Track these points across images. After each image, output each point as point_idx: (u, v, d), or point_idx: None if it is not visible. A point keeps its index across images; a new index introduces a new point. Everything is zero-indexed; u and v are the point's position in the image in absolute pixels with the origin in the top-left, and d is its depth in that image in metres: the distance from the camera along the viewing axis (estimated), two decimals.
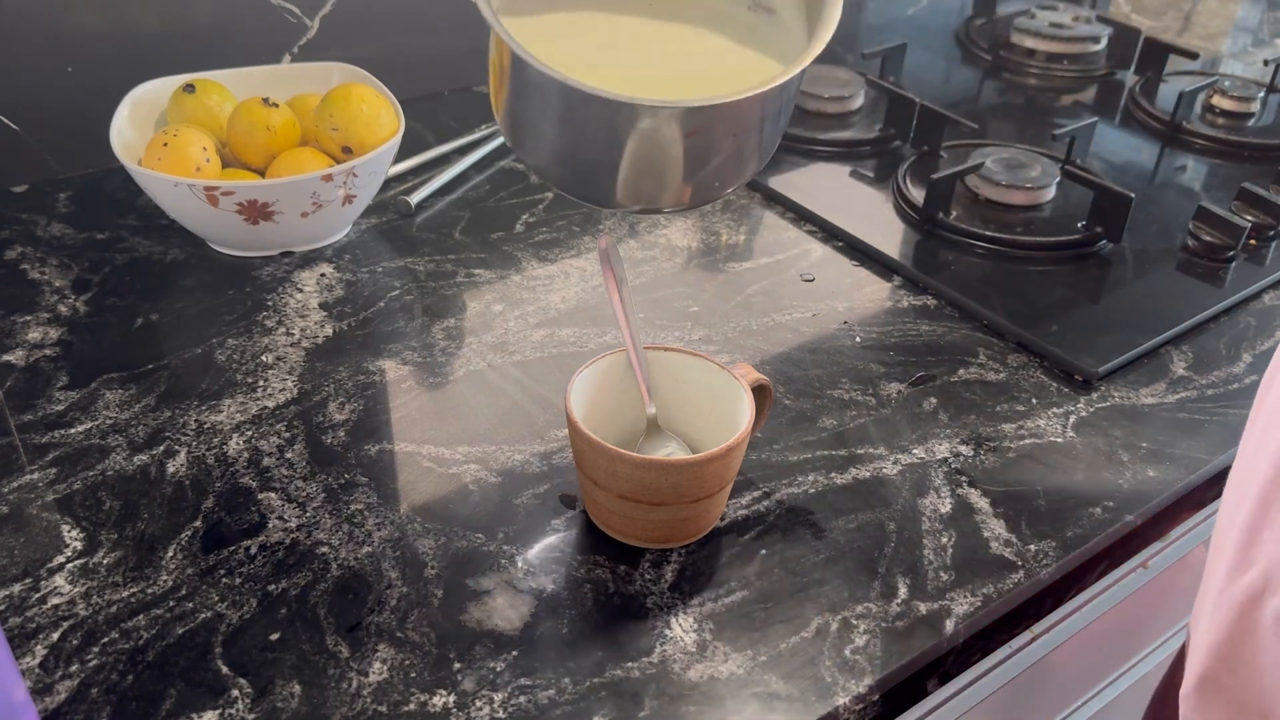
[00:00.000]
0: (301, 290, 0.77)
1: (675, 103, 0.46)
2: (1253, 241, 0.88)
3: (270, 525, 0.58)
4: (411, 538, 0.58)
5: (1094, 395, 0.71)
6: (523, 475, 0.62)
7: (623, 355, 0.60)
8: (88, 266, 0.78)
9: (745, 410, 0.56)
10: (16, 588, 0.54)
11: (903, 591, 0.56)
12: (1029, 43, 1.24)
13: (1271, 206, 0.89)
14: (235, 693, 0.49)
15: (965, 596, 0.56)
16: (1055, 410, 0.69)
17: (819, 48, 0.49)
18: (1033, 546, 0.59)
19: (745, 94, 0.47)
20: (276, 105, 0.80)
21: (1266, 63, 1.20)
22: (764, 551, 0.58)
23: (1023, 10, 1.31)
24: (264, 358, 0.70)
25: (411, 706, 0.49)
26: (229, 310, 0.75)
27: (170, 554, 0.56)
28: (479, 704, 0.49)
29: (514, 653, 0.52)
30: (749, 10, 0.55)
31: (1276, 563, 0.46)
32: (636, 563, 0.57)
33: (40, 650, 0.51)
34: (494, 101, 0.53)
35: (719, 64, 0.53)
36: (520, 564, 0.56)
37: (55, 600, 0.53)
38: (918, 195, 0.90)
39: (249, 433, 0.64)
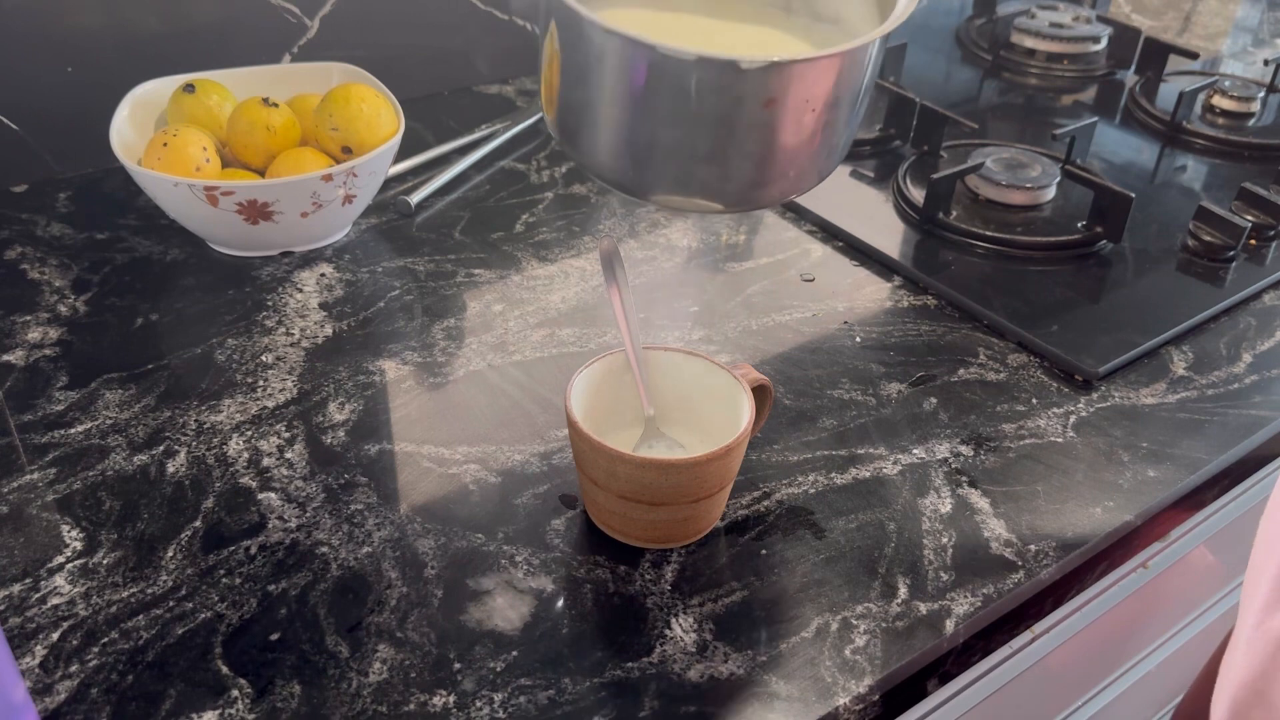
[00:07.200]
0: (301, 290, 0.77)
1: (751, 60, 0.42)
2: (1253, 241, 0.88)
3: (270, 525, 0.58)
4: (411, 538, 0.58)
5: (1094, 395, 0.71)
6: (523, 475, 0.62)
7: (622, 355, 0.60)
8: (88, 266, 0.78)
9: (745, 410, 0.56)
10: (16, 588, 0.54)
11: (903, 591, 0.56)
12: (1029, 43, 1.24)
13: (1272, 206, 0.89)
14: (235, 693, 0.49)
15: (965, 596, 0.56)
16: (1055, 410, 0.69)
17: (905, 13, 0.46)
18: (1033, 546, 0.59)
19: (827, 52, 0.44)
20: (276, 105, 0.80)
21: (1266, 63, 1.20)
22: (764, 551, 0.58)
23: (1023, 10, 1.31)
24: (264, 358, 0.70)
25: (411, 707, 0.49)
26: (229, 310, 0.75)
27: (170, 554, 0.56)
28: (479, 704, 0.49)
29: (514, 653, 0.52)
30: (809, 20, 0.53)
31: None
32: (636, 563, 0.57)
33: (40, 650, 0.51)
34: (546, 86, 0.50)
35: (784, 48, 0.50)
36: (520, 564, 0.56)
37: (55, 600, 0.53)
38: (918, 195, 0.90)
39: (249, 433, 0.64)
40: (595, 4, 0.50)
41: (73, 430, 0.63)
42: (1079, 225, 0.88)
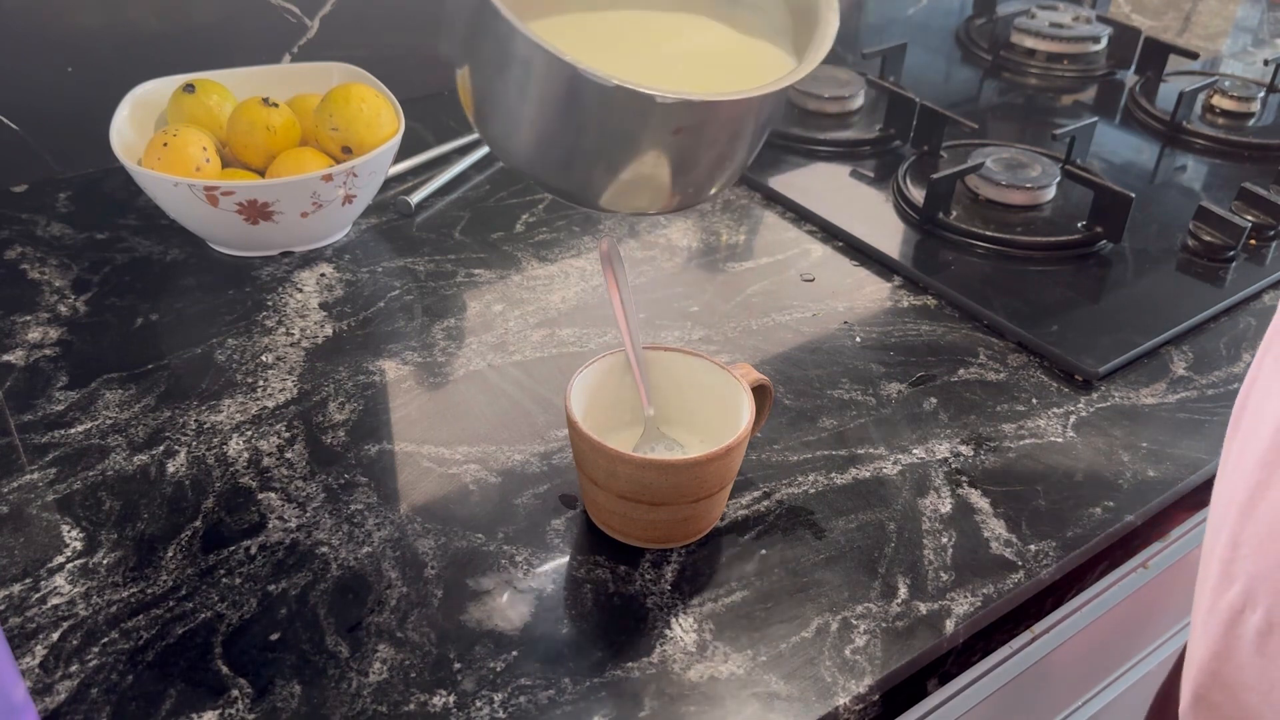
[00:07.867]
0: (301, 290, 0.77)
1: (665, 95, 0.44)
2: (1253, 241, 0.88)
3: (270, 525, 0.58)
4: (411, 538, 0.58)
5: (1094, 395, 0.71)
6: (523, 475, 0.62)
7: (622, 355, 0.60)
8: (88, 266, 0.78)
9: (745, 410, 0.56)
10: (16, 588, 0.54)
11: (903, 591, 0.56)
12: (1029, 43, 1.24)
13: (1271, 206, 0.89)
14: (235, 693, 0.49)
15: (965, 596, 0.56)
16: (1055, 410, 0.69)
17: (819, 56, 0.48)
18: (1033, 546, 0.59)
19: (740, 95, 0.46)
20: (276, 105, 0.80)
21: (1266, 63, 1.20)
22: (764, 551, 0.58)
23: (1023, 10, 1.31)
24: (264, 358, 0.70)
25: (411, 706, 0.49)
26: (229, 310, 0.75)
27: (170, 554, 0.56)
28: (479, 704, 0.49)
29: (514, 653, 0.52)
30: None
31: (1255, 578, 0.46)
32: (636, 563, 0.57)
33: (40, 650, 0.51)
34: (462, 84, 0.51)
35: (715, 57, 0.51)
36: (520, 564, 0.56)
37: (55, 600, 0.53)
38: (918, 195, 0.90)
39: (249, 433, 0.64)
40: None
41: (73, 430, 0.63)
42: (1079, 225, 0.88)
